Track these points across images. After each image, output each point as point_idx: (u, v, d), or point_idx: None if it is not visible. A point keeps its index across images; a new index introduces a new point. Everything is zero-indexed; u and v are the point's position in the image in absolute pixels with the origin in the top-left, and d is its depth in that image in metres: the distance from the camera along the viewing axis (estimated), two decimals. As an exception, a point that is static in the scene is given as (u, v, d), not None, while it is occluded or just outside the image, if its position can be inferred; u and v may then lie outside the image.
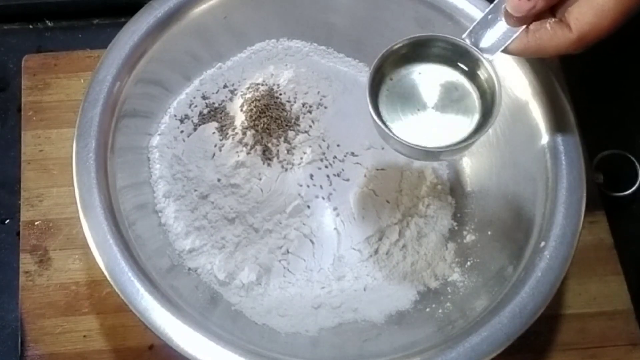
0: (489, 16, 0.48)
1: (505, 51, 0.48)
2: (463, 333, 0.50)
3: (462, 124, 0.49)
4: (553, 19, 0.47)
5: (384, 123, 0.48)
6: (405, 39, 0.49)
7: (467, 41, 0.49)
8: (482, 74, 0.49)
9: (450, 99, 0.50)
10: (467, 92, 0.50)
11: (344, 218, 0.60)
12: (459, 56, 0.50)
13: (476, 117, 0.49)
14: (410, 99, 0.50)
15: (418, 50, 0.50)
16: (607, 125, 0.69)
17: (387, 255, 0.60)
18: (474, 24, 0.49)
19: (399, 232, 0.61)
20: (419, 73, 0.50)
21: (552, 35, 0.47)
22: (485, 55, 0.48)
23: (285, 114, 0.61)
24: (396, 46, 0.49)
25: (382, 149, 0.62)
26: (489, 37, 0.48)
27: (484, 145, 0.63)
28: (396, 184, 0.62)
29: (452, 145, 0.48)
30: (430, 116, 0.49)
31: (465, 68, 0.50)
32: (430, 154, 0.49)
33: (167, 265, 0.57)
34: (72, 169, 0.54)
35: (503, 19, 0.48)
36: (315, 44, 0.67)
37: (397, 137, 0.48)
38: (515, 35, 0.48)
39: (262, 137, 0.59)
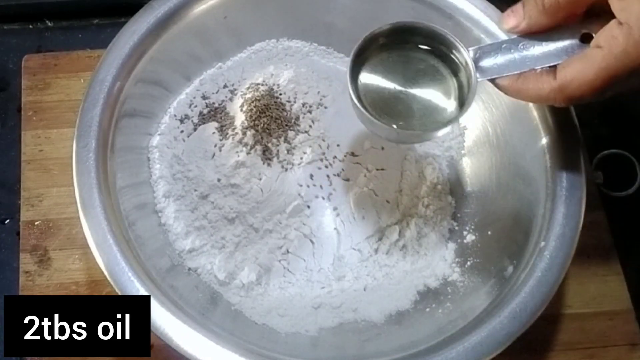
0: (504, 45, 0.50)
1: (492, 81, 0.50)
2: (463, 333, 0.50)
3: (438, 110, 0.51)
4: (546, 69, 0.48)
5: (363, 106, 0.50)
6: (388, 24, 0.51)
7: (471, 53, 0.50)
8: (459, 62, 0.51)
9: (428, 86, 0.52)
10: (445, 80, 0.52)
11: (344, 218, 0.60)
12: (439, 44, 0.52)
13: (453, 105, 0.51)
14: (389, 84, 0.52)
15: (400, 37, 0.52)
16: (607, 125, 0.70)
17: (387, 255, 0.60)
18: (489, 44, 0.51)
19: (399, 232, 0.61)
20: (399, 58, 0.52)
21: (537, 80, 0.48)
22: (476, 74, 0.50)
23: (285, 114, 0.61)
24: (378, 31, 0.51)
25: (382, 148, 0.62)
26: (489, 62, 0.50)
27: (484, 145, 0.63)
28: (396, 184, 0.62)
29: (426, 130, 0.51)
30: (408, 101, 0.52)
31: (445, 56, 0.52)
32: (408, 135, 0.52)
33: (167, 265, 0.57)
34: (72, 169, 0.54)
35: (512, 55, 0.50)
36: (315, 44, 0.67)
37: (373, 118, 0.50)
38: (509, 74, 0.49)
39: (262, 137, 0.59)
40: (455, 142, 0.65)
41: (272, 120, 0.60)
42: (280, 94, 0.62)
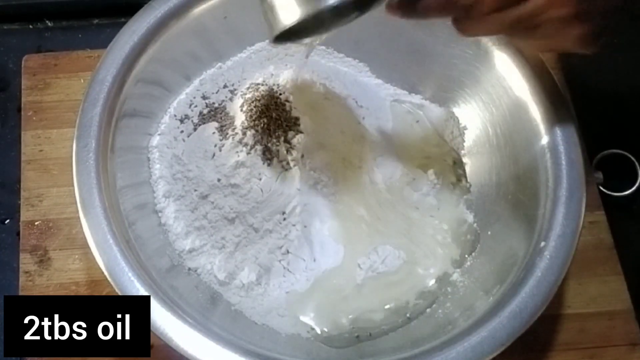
0: None
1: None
2: (463, 333, 0.50)
3: None
4: None
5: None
6: None
7: None
8: None
9: None
10: None
11: (344, 218, 0.60)
12: None
13: None
14: None
15: None
16: (607, 125, 0.69)
17: (387, 255, 0.60)
18: None
19: (399, 231, 0.61)
20: None
21: None
22: None
23: (285, 114, 0.61)
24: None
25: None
26: None
27: (484, 145, 0.63)
28: (397, 183, 0.62)
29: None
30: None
31: None
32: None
33: (167, 265, 0.57)
34: (72, 169, 0.54)
35: None
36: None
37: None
38: None
39: (262, 137, 0.59)
40: (455, 142, 0.65)
41: (272, 120, 0.60)
42: (280, 94, 0.62)
